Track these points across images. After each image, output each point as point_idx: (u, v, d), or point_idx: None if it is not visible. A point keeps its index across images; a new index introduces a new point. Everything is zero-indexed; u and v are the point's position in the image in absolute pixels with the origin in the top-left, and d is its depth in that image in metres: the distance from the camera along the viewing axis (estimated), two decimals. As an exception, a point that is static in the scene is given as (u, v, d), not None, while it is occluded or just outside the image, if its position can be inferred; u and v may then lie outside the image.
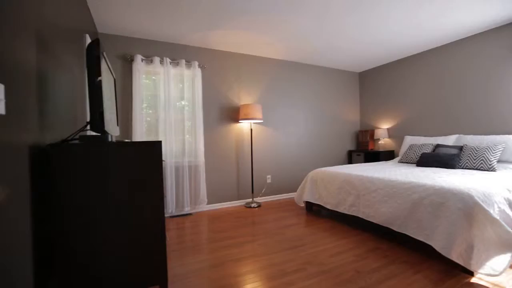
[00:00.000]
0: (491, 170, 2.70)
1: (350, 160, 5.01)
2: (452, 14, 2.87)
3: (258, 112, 3.64)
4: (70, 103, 1.81)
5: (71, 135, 1.41)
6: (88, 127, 1.53)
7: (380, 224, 2.39)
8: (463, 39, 3.54)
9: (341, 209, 2.83)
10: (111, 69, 1.81)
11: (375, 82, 4.90)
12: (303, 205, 3.47)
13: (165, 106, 3.33)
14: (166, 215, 3.37)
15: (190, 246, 2.43)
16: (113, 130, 1.69)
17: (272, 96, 4.22)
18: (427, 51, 4.00)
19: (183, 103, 3.52)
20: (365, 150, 4.67)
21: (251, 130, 3.87)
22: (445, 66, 3.78)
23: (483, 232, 1.74)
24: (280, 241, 2.49)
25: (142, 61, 3.23)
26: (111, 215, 1.32)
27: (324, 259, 2.11)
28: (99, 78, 1.31)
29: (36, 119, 1.14)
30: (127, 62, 3.23)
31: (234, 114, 3.91)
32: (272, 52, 3.95)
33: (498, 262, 1.68)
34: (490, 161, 2.74)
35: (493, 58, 3.26)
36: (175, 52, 3.51)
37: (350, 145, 5.10)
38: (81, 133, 1.87)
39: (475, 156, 2.87)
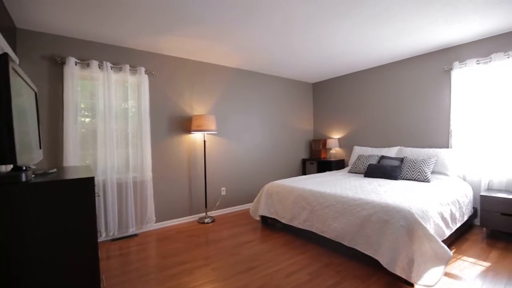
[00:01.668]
0: (426, 181, 3.00)
1: (304, 168, 5.14)
2: (398, 38, 3.10)
3: (211, 123, 3.47)
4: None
5: (-35, 174, 1.10)
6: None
7: (332, 239, 2.46)
8: (406, 59, 3.86)
9: (296, 224, 2.84)
10: (29, 82, 1.48)
11: (326, 93, 5.10)
12: (258, 218, 3.42)
13: (105, 116, 2.94)
14: (107, 238, 3.00)
15: (135, 277, 2.18)
16: (31, 158, 1.38)
17: (227, 105, 4.08)
18: (374, 67, 4.28)
19: (126, 110, 3.16)
20: (318, 159, 4.83)
21: (204, 141, 3.68)
22: (389, 82, 4.09)
23: (422, 247, 1.90)
24: (235, 263, 2.39)
25: (76, 64, 2.80)
26: (25, 280, 1.06)
27: (280, 280, 2.08)
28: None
29: None
30: (57, 65, 2.76)
31: (186, 125, 3.67)
32: (227, 60, 3.81)
33: (433, 274, 1.85)
34: (426, 173, 3.04)
35: (429, 78, 3.63)
36: (118, 56, 3.13)
37: (304, 154, 5.23)
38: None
39: (413, 168, 3.15)
